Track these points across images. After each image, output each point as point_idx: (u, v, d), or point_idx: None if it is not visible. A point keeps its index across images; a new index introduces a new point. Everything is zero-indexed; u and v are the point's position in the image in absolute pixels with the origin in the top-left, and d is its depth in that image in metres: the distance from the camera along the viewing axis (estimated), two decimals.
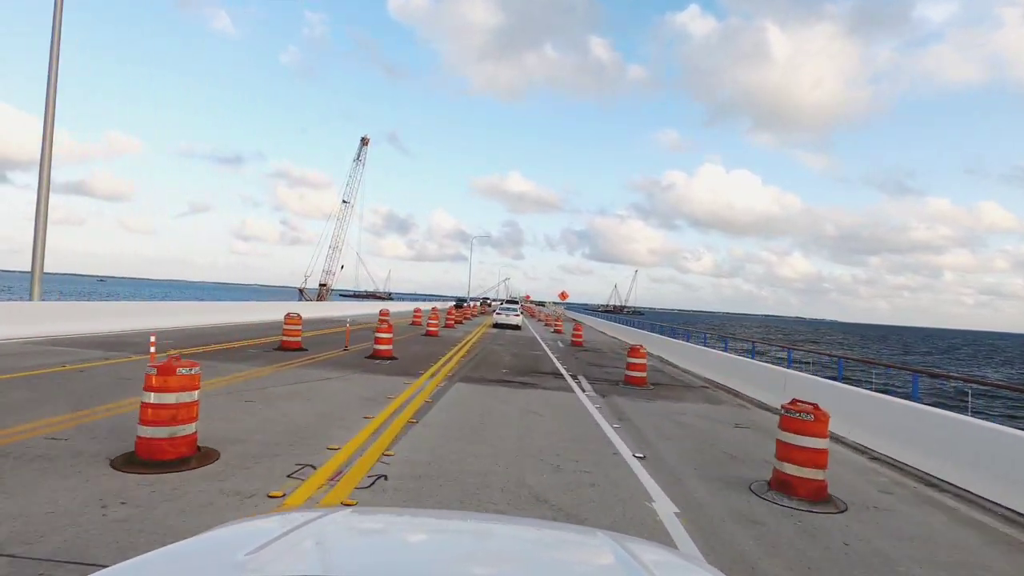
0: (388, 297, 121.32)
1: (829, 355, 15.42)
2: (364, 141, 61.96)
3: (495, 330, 27.77)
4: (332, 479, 4.48)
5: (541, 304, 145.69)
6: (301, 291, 61.84)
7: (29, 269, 14.23)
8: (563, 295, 58.35)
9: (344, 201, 63.08)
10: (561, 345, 21.32)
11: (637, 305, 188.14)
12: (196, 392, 4.75)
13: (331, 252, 63.60)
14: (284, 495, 4.06)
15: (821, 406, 5.02)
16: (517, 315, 31.62)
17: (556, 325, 33.25)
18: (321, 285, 63.29)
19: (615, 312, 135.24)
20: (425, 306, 50.38)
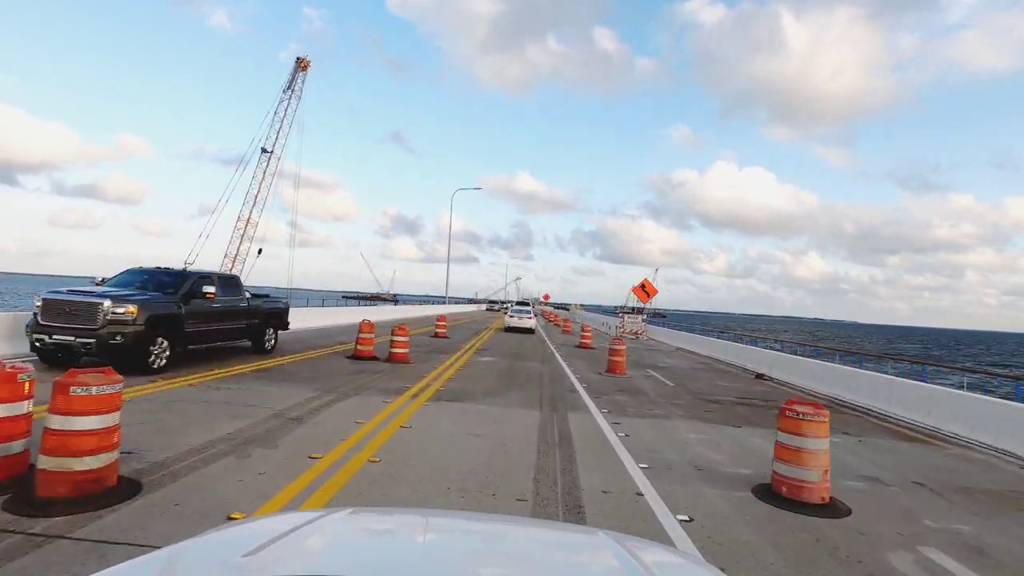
0: (393, 300, 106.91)
1: (1001, 375, 12.67)
2: (301, 64, 39.47)
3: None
4: None
5: (563, 307, 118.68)
6: None
7: (51, 273, 12.80)
8: (646, 289, 31.14)
9: (264, 150, 38.67)
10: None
11: (657, 307, 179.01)
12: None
13: (240, 227, 39.10)
14: None
15: None
16: (530, 317, 28.71)
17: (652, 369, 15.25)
18: None
19: (633, 314, 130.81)
20: (424, 311, 42.61)
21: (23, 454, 4.23)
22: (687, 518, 4.59)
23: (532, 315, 29.40)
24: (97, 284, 10.38)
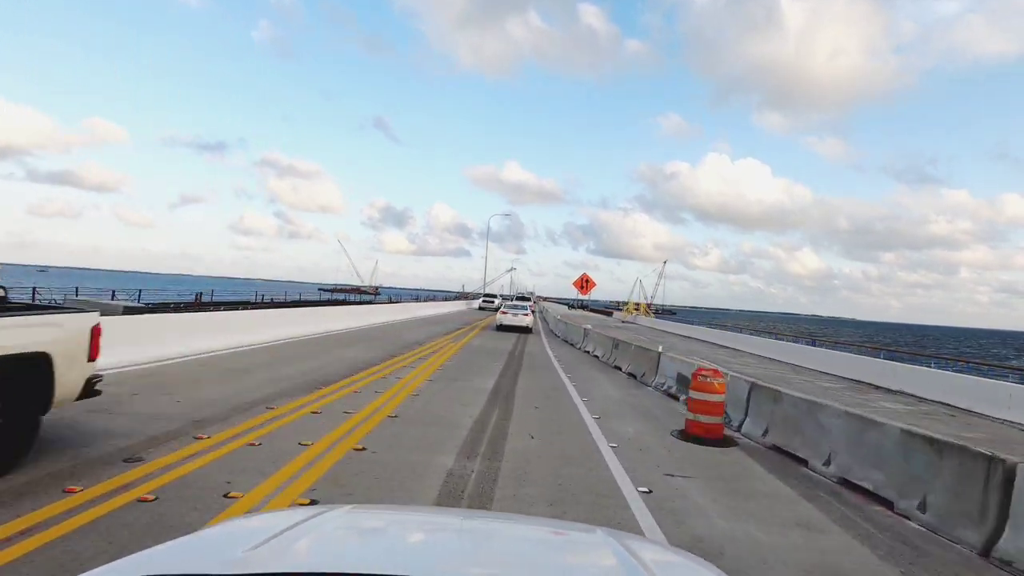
0: (375, 293, 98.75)
1: None
2: None
3: None
4: None
5: (582, 307, 77.88)
6: None
7: (34, 263, 11.01)
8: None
9: None
10: None
11: (665, 303, 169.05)
12: None
13: None
14: None
15: None
16: (527, 314, 27.49)
17: None
18: None
19: (636, 308, 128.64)
20: (419, 310, 36.34)
21: None
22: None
23: (529, 311, 28.78)
24: None
